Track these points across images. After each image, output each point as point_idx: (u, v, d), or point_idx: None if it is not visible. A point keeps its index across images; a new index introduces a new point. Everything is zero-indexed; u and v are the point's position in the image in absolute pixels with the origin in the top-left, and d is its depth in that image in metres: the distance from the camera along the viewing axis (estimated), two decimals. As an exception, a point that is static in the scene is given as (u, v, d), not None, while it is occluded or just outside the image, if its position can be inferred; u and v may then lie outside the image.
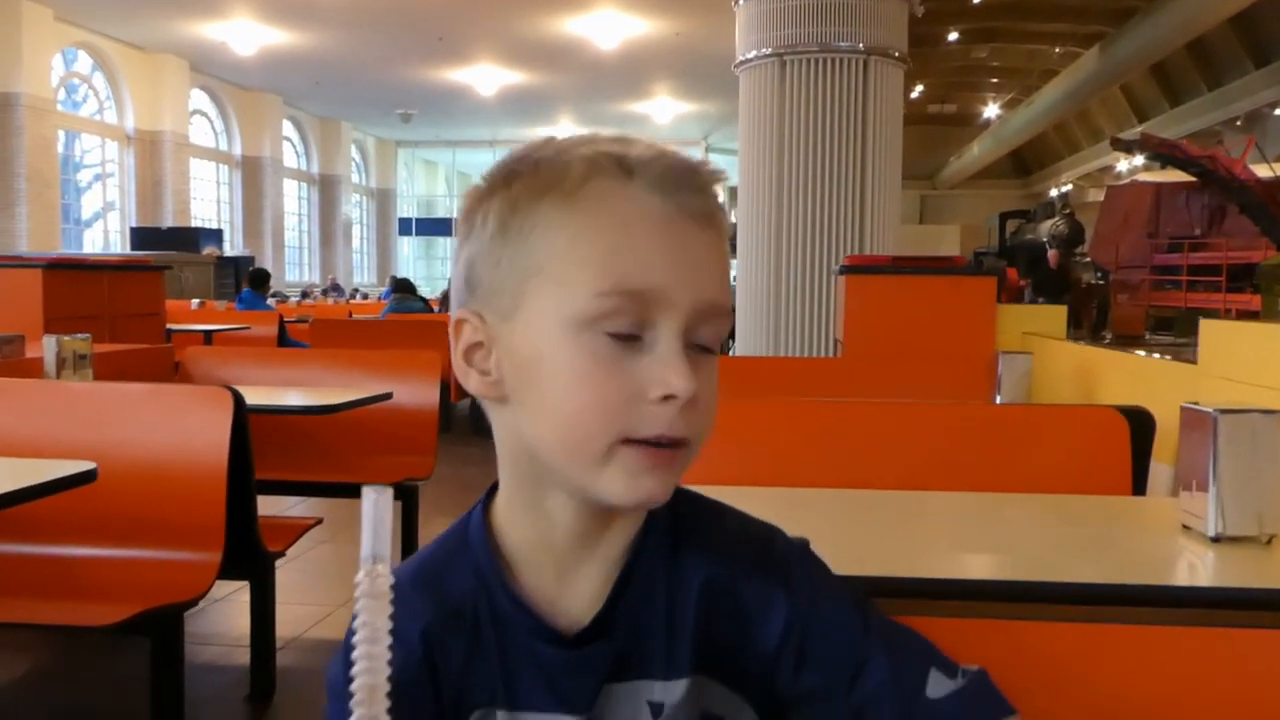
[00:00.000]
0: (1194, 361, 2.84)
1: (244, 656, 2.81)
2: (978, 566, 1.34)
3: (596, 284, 0.66)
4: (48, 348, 3.09)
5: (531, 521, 0.74)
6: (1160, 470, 2.31)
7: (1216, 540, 1.30)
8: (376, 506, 0.49)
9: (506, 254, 0.69)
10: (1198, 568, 1.30)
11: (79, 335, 3.17)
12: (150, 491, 2.30)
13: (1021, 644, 0.98)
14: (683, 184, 0.69)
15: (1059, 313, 4.35)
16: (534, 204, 0.68)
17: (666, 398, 0.66)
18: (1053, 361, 3.61)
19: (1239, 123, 19.36)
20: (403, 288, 10.01)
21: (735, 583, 0.75)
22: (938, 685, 0.75)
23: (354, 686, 0.48)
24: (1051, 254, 13.52)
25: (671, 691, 0.74)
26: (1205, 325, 2.63)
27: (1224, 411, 1.31)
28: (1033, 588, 1.20)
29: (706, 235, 0.69)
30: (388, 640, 0.48)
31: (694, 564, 0.75)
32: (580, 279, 0.67)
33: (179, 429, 2.35)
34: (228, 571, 2.36)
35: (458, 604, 0.74)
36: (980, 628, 0.99)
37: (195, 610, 3.38)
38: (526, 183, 0.69)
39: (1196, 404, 1.35)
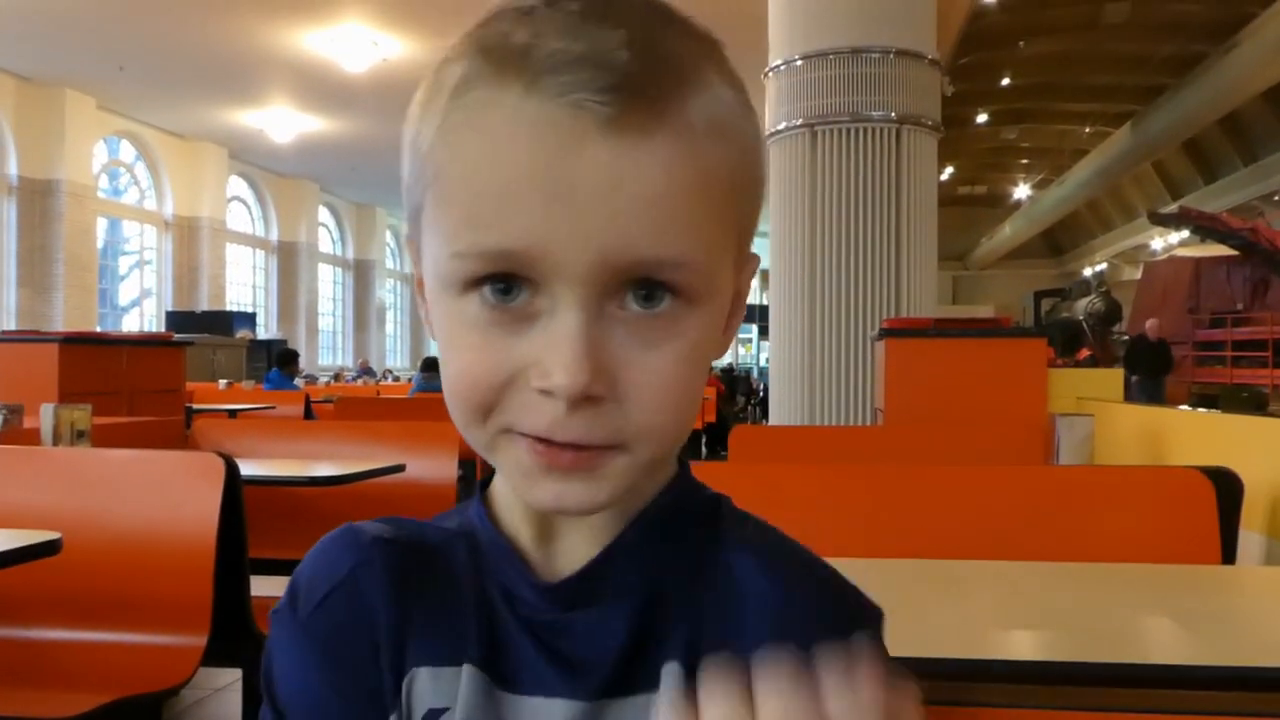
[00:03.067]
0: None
1: (238, 751, 2.60)
2: (1051, 645, 1.12)
3: (451, 242, 0.49)
4: (44, 418, 2.96)
5: (509, 490, 0.59)
6: (1251, 539, 2.08)
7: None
8: None
9: (408, 172, 0.54)
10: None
11: (79, 406, 3.04)
12: (130, 567, 2.11)
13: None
14: (586, 63, 0.45)
15: (1114, 376, 4.12)
16: (423, 112, 0.52)
17: (544, 391, 0.48)
18: (1113, 425, 3.38)
19: (1278, 198, 19.14)
20: (430, 366, 9.98)
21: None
22: None
23: None
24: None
25: None
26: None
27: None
28: (1125, 671, 0.99)
29: (622, 144, 0.46)
30: None
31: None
32: (442, 230, 0.50)
33: (165, 499, 2.18)
34: (217, 657, 2.17)
35: (434, 543, 0.60)
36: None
37: (189, 702, 3.19)
38: (430, 78, 0.52)
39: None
